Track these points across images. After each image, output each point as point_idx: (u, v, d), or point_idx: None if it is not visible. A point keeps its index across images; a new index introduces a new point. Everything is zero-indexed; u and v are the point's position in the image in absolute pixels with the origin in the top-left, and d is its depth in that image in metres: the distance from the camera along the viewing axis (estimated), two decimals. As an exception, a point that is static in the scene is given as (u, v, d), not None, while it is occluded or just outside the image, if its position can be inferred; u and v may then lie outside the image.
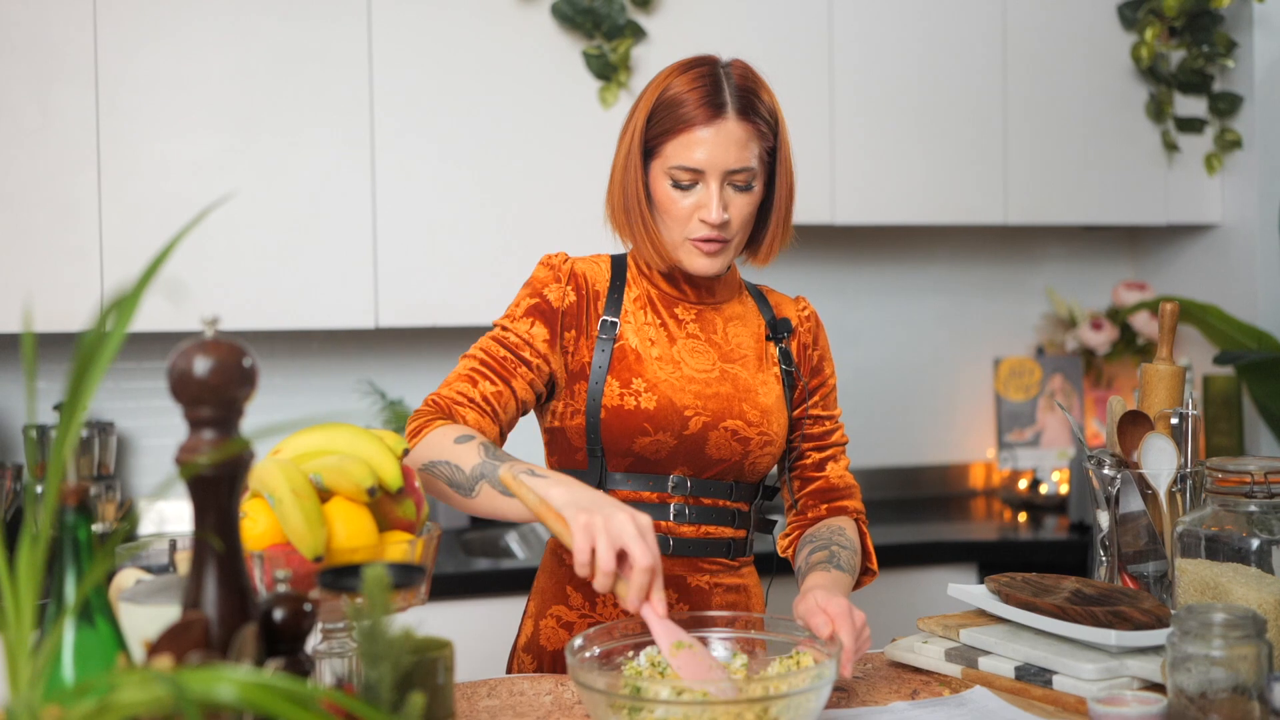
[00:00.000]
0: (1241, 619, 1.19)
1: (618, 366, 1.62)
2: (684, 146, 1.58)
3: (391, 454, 1.32)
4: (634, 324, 1.65)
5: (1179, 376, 1.69)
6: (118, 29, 2.61)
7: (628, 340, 1.64)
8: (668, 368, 1.63)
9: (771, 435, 1.68)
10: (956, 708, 1.39)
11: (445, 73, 2.78)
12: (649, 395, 1.60)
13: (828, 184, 3.00)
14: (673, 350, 1.65)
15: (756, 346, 1.71)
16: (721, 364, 1.67)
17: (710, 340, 1.68)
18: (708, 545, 1.66)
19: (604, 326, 1.64)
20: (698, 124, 1.57)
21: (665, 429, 1.60)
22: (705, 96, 1.57)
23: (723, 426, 1.63)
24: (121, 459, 2.95)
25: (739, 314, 1.73)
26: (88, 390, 0.83)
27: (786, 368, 1.72)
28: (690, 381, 1.63)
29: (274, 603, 1.02)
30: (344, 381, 3.08)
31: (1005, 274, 3.57)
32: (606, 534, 1.27)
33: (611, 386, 1.61)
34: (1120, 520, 1.63)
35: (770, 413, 1.67)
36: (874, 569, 1.73)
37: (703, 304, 1.70)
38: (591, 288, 1.66)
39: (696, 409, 1.62)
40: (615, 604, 1.65)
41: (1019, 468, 3.37)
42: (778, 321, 1.74)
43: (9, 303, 2.55)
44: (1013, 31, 3.13)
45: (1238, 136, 3.20)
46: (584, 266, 1.68)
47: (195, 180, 2.64)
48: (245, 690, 0.74)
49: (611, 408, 1.60)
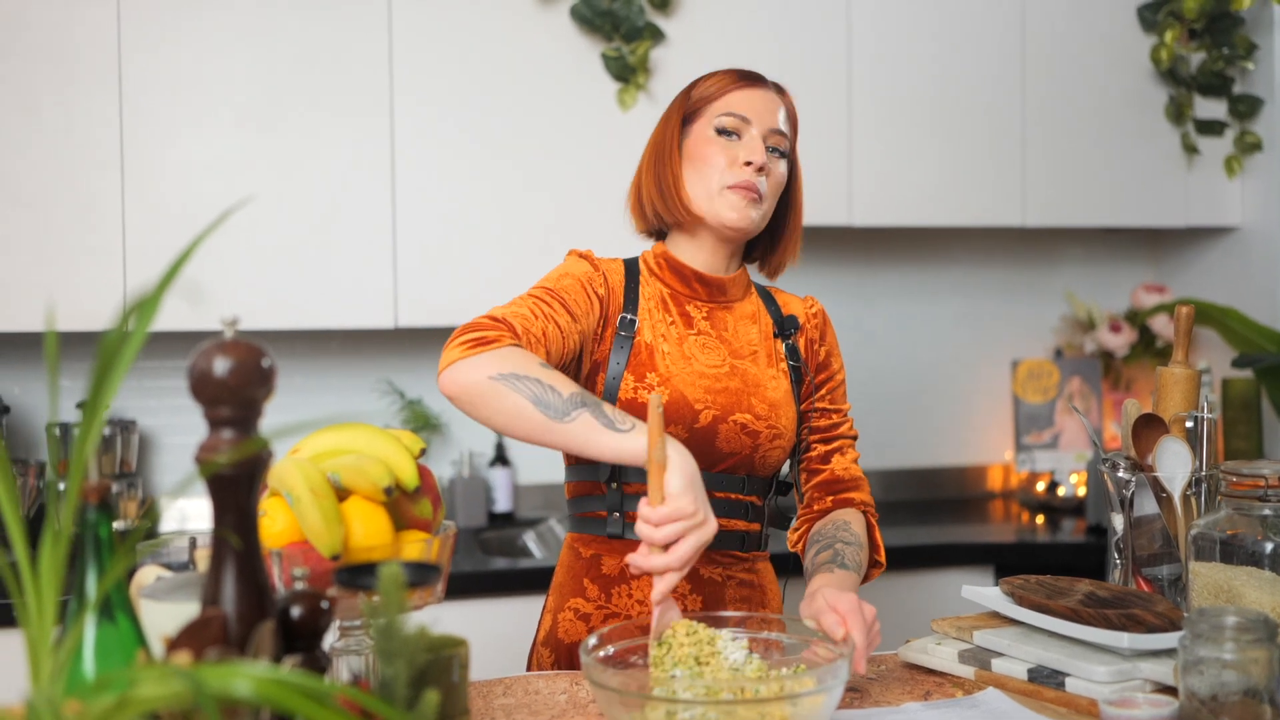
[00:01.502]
0: (1254, 622, 1.19)
1: (634, 363, 1.65)
2: (734, 101, 1.69)
3: (408, 454, 1.33)
4: (650, 320, 1.69)
5: (1194, 380, 1.69)
6: (140, 32, 2.64)
7: (643, 336, 1.67)
8: (680, 363, 1.66)
9: (780, 429, 1.70)
10: (969, 709, 1.39)
11: (465, 74, 2.80)
12: (661, 389, 1.64)
13: (845, 185, 3.00)
14: (684, 346, 1.68)
15: (765, 343, 1.75)
16: (731, 360, 1.70)
17: (721, 337, 1.72)
18: (720, 537, 1.68)
19: (623, 323, 1.67)
20: (746, 86, 1.70)
21: (676, 422, 1.63)
22: (744, 73, 1.72)
23: (732, 420, 1.66)
24: (143, 457, 2.97)
25: (749, 312, 1.76)
26: (109, 389, 0.84)
27: (794, 363, 1.76)
28: (701, 376, 1.66)
29: (292, 600, 1.03)
30: (363, 381, 3.10)
31: (1023, 276, 3.57)
32: (697, 533, 1.31)
33: (627, 381, 1.64)
34: (1135, 523, 1.63)
35: (778, 406, 1.70)
36: (881, 561, 1.74)
37: (713, 302, 1.74)
38: (612, 284, 1.70)
39: (706, 402, 1.65)
40: (630, 594, 1.67)
41: (1037, 470, 3.36)
42: (785, 319, 1.78)
43: (33, 302, 2.58)
44: (1031, 33, 3.13)
45: (1258, 139, 3.19)
46: (606, 266, 1.72)
47: (216, 180, 2.67)
48: (262, 686, 0.76)
49: (625, 401, 1.63)
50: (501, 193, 2.82)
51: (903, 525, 3.05)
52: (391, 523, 1.30)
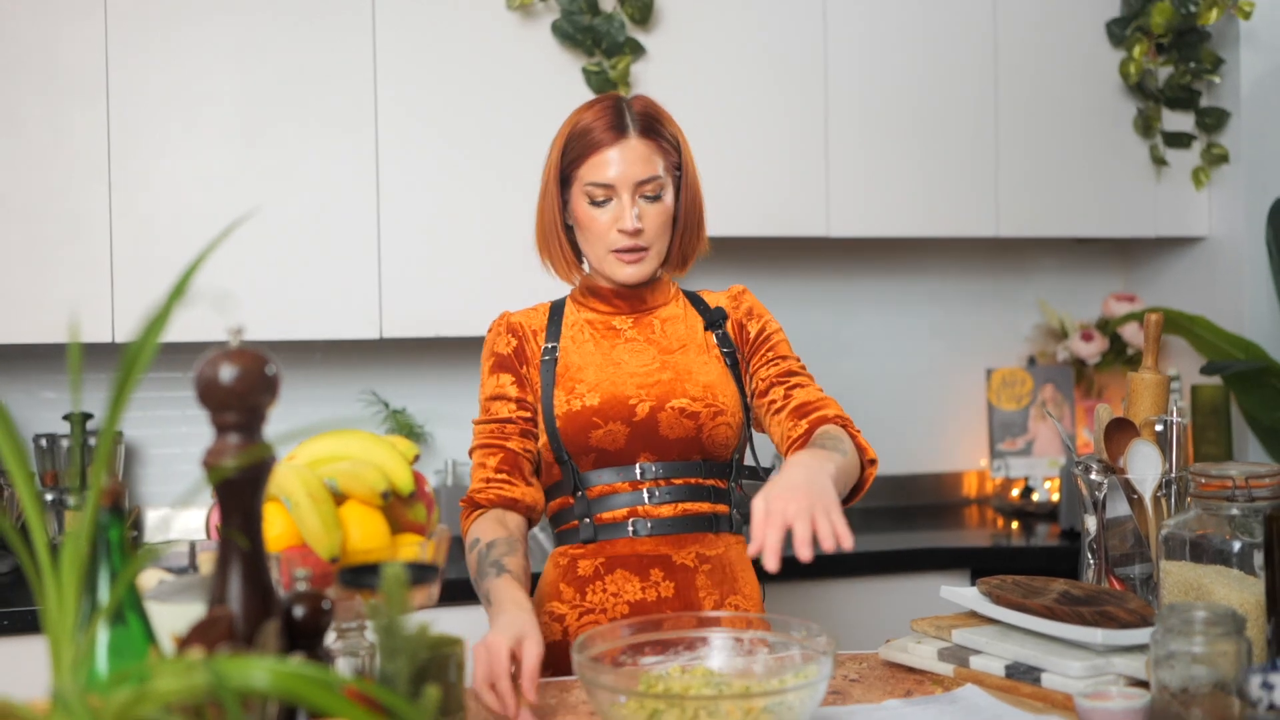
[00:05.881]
0: (1222, 616, 1.24)
1: (561, 379, 1.76)
2: (595, 167, 1.75)
3: (403, 459, 1.37)
4: (575, 344, 1.80)
5: (1164, 385, 1.74)
6: (127, 47, 2.66)
7: (569, 357, 1.78)
8: (608, 369, 1.77)
9: (720, 406, 1.75)
10: (948, 705, 1.43)
11: (448, 88, 2.83)
12: (593, 394, 1.74)
13: (822, 197, 3.05)
14: (612, 354, 1.78)
15: (696, 339, 1.82)
16: (661, 356, 1.79)
17: (649, 340, 1.81)
18: (688, 522, 1.73)
19: (545, 352, 1.80)
20: (605, 145, 1.74)
21: (614, 418, 1.72)
22: (610, 122, 1.75)
23: (669, 406, 1.73)
24: (129, 469, 2.99)
25: (676, 315, 1.84)
26: (126, 397, 0.87)
27: (727, 349, 1.81)
28: (631, 376, 1.76)
29: (294, 600, 1.06)
30: (348, 391, 3.12)
31: (997, 286, 3.63)
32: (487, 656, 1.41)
33: (559, 397, 1.75)
34: (1107, 524, 1.68)
35: (714, 386, 1.76)
36: (874, 458, 1.68)
37: (636, 311, 1.83)
38: (529, 329, 1.82)
39: (640, 396, 1.74)
40: (604, 589, 1.72)
41: (1011, 476, 3.42)
42: (712, 311, 1.85)
43: (21, 314, 2.60)
44: (1004, 48, 3.19)
45: (1225, 151, 3.26)
46: (519, 317, 1.85)
47: (203, 193, 2.69)
48: (277, 677, 0.79)
49: (562, 414, 1.74)
50: (484, 205, 2.85)
51: (880, 531, 3.10)
52: (387, 526, 1.33)
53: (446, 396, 3.15)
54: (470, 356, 3.16)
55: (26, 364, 2.92)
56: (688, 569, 1.72)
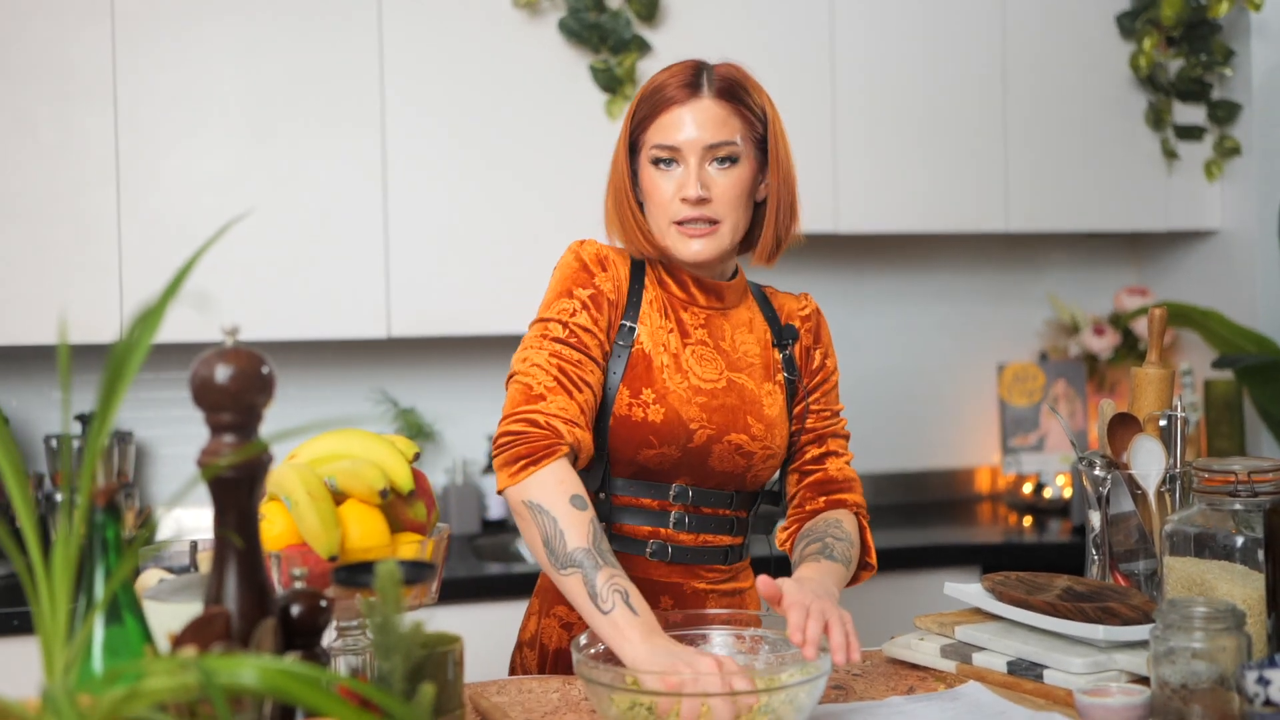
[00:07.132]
0: (1222, 611, 1.24)
1: (630, 375, 1.62)
2: (662, 127, 1.61)
3: (403, 458, 1.37)
4: (649, 327, 1.65)
5: (1168, 380, 1.73)
6: (135, 49, 2.68)
7: (642, 345, 1.63)
8: (676, 377, 1.63)
9: (774, 449, 1.69)
10: (950, 701, 1.43)
11: (455, 86, 2.84)
12: (656, 407, 1.60)
13: (831, 193, 3.05)
14: (681, 358, 1.64)
15: (763, 354, 1.71)
16: (729, 373, 1.66)
17: (718, 347, 1.68)
18: (705, 553, 1.67)
19: (623, 331, 1.63)
20: (675, 103, 1.60)
21: (670, 442, 1.61)
22: (684, 80, 1.61)
23: (726, 440, 1.64)
24: (140, 467, 3.01)
25: (745, 320, 1.72)
26: (117, 397, 0.88)
27: (790, 376, 1.73)
28: (697, 393, 1.63)
29: (292, 599, 1.07)
30: (357, 391, 3.13)
31: (1008, 281, 3.62)
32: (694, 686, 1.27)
33: (622, 395, 1.61)
34: (1111, 520, 1.67)
35: (774, 425, 1.68)
36: (873, 564, 1.72)
37: (710, 309, 1.70)
38: (618, 282, 1.66)
39: (702, 422, 1.62)
40: None
41: (1023, 472, 3.41)
42: (783, 328, 1.75)
43: (30, 316, 2.62)
44: (1012, 41, 3.18)
45: (1236, 144, 3.24)
46: (613, 257, 1.68)
47: (211, 194, 2.71)
48: (266, 675, 0.79)
49: (620, 417, 1.60)
50: (492, 204, 2.86)
51: (891, 528, 3.09)
52: (387, 525, 1.34)
53: (456, 395, 3.16)
54: (479, 356, 3.17)
55: (38, 365, 2.94)
56: (699, 595, 1.67)
